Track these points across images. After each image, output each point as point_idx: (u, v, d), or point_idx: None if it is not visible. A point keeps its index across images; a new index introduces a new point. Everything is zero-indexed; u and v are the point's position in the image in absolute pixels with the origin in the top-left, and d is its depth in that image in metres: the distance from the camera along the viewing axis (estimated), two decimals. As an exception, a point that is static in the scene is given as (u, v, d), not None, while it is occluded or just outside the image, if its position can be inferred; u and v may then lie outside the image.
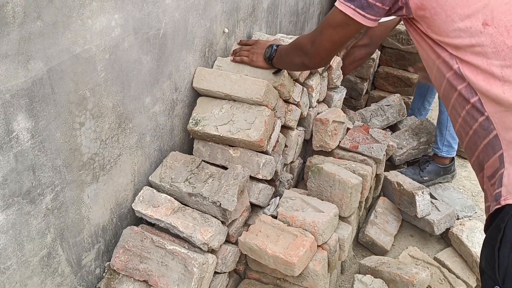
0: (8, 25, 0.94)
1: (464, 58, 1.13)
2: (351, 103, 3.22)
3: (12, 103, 1.00)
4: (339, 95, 2.36)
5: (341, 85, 2.42)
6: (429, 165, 2.65)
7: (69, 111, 1.17)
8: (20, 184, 1.08)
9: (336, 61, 2.24)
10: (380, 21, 1.31)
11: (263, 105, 1.69)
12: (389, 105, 2.90)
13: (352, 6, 1.25)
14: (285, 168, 2.07)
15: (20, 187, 1.09)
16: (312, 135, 2.17)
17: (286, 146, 1.97)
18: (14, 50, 0.97)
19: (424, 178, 2.62)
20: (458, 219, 2.43)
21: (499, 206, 1.08)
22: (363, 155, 2.13)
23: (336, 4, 1.29)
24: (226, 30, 1.90)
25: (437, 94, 3.20)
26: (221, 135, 1.65)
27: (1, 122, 0.99)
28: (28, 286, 1.19)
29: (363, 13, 1.24)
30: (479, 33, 1.10)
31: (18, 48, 0.98)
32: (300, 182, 2.30)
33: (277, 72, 1.77)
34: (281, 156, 1.91)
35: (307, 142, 2.25)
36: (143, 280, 1.44)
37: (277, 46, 1.71)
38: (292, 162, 2.10)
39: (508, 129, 1.10)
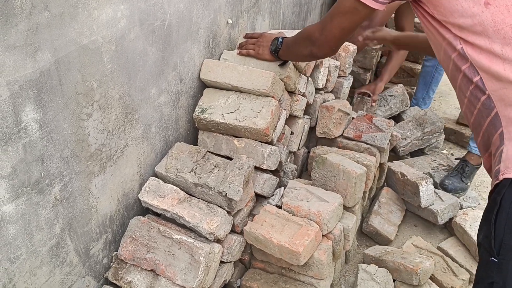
0: (16, 16, 0.95)
1: (467, 39, 1.15)
2: (353, 96, 3.22)
3: (20, 94, 1.01)
4: (348, 82, 2.44)
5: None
6: (468, 168, 2.61)
7: (76, 102, 1.17)
8: (29, 175, 1.09)
9: (351, 49, 2.29)
10: None
11: (270, 96, 1.70)
12: (392, 96, 2.90)
13: None
14: (289, 159, 2.09)
15: (29, 178, 1.10)
16: (317, 122, 2.19)
17: (292, 133, 1.99)
18: (22, 41, 0.98)
19: (468, 184, 2.59)
20: (461, 208, 2.44)
21: (498, 181, 1.10)
22: (366, 143, 2.14)
23: None
24: (230, 21, 1.90)
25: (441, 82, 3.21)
26: (227, 122, 1.66)
27: (10, 113, 1.00)
28: (38, 275, 1.21)
29: None
30: (480, 12, 1.11)
31: (26, 39, 0.99)
32: (303, 172, 2.32)
33: (283, 64, 1.77)
34: (285, 146, 1.92)
35: (312, 130, 2.27)
36: (151, 270, 1.45)
37: (283, 38, 1.71)
38: (297, 149, 2.11)
39: (508, 106, 1.11)
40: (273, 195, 1.84)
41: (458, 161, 2.69)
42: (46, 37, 1.03)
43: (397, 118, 3.02)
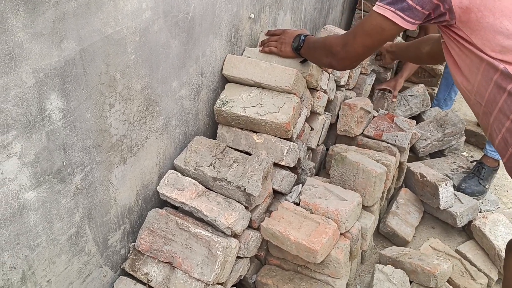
0: (43, 3, 0.95)
1: (509, 60, 1.13)
2: (373, 93, 3.19)
3: (45, 82, 1.01)
4: (370, 79, 2.47)
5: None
6: (484, 171, 2.57)
7: (100, 92, 1.18)
8: (51, 163, 1.10)
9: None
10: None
11: (292, 93, 1.69)
12: (412, 95, 2.86)
13: (392, 9, 1.25)
14: (307, 156, 2.07)
15: (51, 166, 1.10)
16: (337, 119, 2.18)
17: (312, 129, 1.98)
18: (49, 30, 0.98)
19: (486, 187, 2.55)
20: (480, 212, 2.40)
21: None
22: (387, 143, 2.12)
23: (374, 8, 1.30)
24: (252, 16, 1.89)
25: None
26: (248, 116, 1.66)
27: (34, 101, 1.00)
28: (56, 263, 1.22)
29: (402, 15, 1.25)
30: None
31: (52, 27, 0.99)
32: (321, 170, 2.30)
33: (304, 61, 1.76)
34: (304, 144, 1.90)
35: (331, 127, 2.26)
36: (167, 262, 1.45)
37: (305, 36, 1.70)
38: (317, 146, 2.09)
39: None
40: (290, 192, 1.83)
41: (475, 163, 2.65)
42: (72, 26, 1.03)
43: (417, 118, 2.97)
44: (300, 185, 1.86)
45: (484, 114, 1.29)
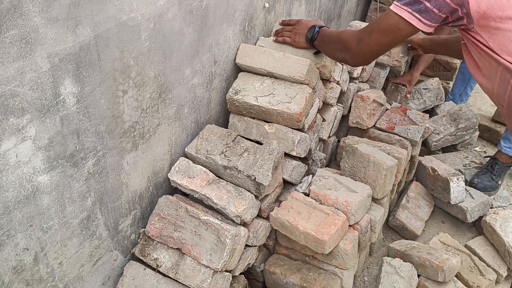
0: (59, -11, 0.96)
1: None
2: (387, 85, 3.17)
3: (60, 67, 1.02)
4: (384, 72, 2.45)
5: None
6: (497, 167, 2.55)
7: (113, 78, 1.18)
8: (64, 147, 1.11)
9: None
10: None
11: (305, 84, 1.69)
12: (427, 89, 2.84)
13: (409, 10, 1.24)
14: (318, 147, 2.07)
15: (64, 150, 1.12)
16: (349, 111, 2.17)
17: (324, 120, 1.98)
18: (64, 15, 0.99)
19: (499, 183, 2.53)
20: (491, 208, 2.38)
21: None
22: (399, 136, 2.11)
23: (391, 7, 1.29)
24: (267, 5, 1.88)
25: None
26: (260, 105, 1.66)
27: (49, 85, 1.01)
28: (68, 246, 1.24)
29: (419, 16, 1.24)
30: None
31: (68, 12, 1.00)
32: (332, 162, 2.30)
33: (317, 52, 1.75)
34: (316, 134, 1.90)
35: (343, 118, 2.25)
36: (177, 248, 1.47)
37: (320, 27, 1.69)
38: (328, 137, 2.09)
39: None
40: (301, 182, 1.83)
41: (488, 159, 2.63)
42: (87, 12, 1.04)
43: (430, 112, 2.95)
44: (311, 175, 1.86)
45: (508, 116, 1.28)
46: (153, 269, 1.48)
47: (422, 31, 1.28)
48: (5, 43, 0.88)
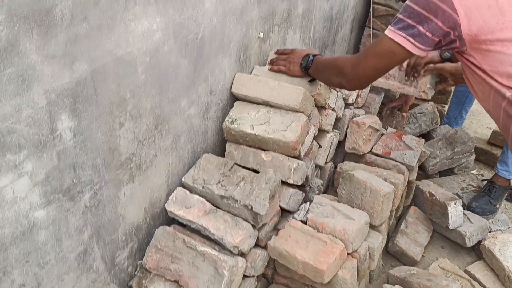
0: (56, 26, 0.97)
1: None
2: (382, 109, 3.19)
3: (57, 103, 1.03)
4: (379, 98, 2.48)
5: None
6: (495, 190, 2.55)
7: (110, 111, 1.20)
8: (61, 182, 1.11)
9: None
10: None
11: (300, 112, 1.70)
12: (422, 113, 2.86)
13: (403, 34, 1.27)
14: (315, 174, 2.07)
15: (61, 185, 1.12)
16: (346, 136, 2.18)
17: (320, 146, 1.99)
18: (61, 52, 1.01)
19: (497, 206, 2.53)
20: (490, 232, 2.37)
21: None
22: (395, 161, 2.11)
23: (386, 32, 1.31)
24: (262, 35, 1.91)
25: (474, 102, 3.14)
26: (256, 134, 1.67)
27: (46, 121, 1.02)
28: (65, 281, 1.23)
29: (413, 41, 1.26)
30: None
31: (64, 49, 1.01)
32: (329, 188, 2.30)
33: (312, 80, 1.78)
34: (312, 161, 1.91)
35: (340, 144, 2.26)
36: (174, 280, 1.46)
37: (314, 56, 1.71)
38: (325, 163, 2.10)
39: None
40: (298, 210, 1.83)
41: (486, 182, 2.63)
42: (84, 48, 1.06)
43: (426, 136, 2.97)
44: (308, 203, 1.86)
45: (506, 137, 1.29)
46: (151, 301, 1.46)
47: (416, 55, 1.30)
48: (2, 81, 0.90)
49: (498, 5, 1.14)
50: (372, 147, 2.22)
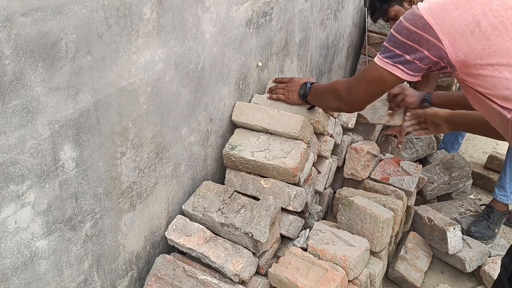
0: (61, 59, 1.00)
1: None
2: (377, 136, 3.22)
3: (60, 133, 1.05)
4: (379, 125, 2.47)
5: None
6: (493, 215, 2.55)
7: (112, 141, 1.21)
8: (63, 211, 1.12)
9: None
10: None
11: (299, 139, 1.72)
12: (418, 138, 2.89)
13: (391, 62, 1.28)
14: (314, 200, 2.08)
15: (62, 214, 1.12)
16: (344, 162, 2.20)
17: (319, 172, 2.00)
18: (65, 83, 1.02)
19: (496, 231, 2.53)
20: (489, 256, 2.37)
21: None
22: (394, 186, 2.13)
23: (375, 59, 1.33)
24: (260, 64, 1.94)
25: None
26: (256, 160, 1.68)
27: (49, 152, 1.03)
28: (64, 311, 1.22)
29: (402, 67, 1.27)
30: None
31: (68, 81, 1.03)
32: (329, 213, 2.30)
33: (311, 108, 1.80)
34: (311, 187, 1.92)
35: (338, 170, 2.27)
36: (174, 309, 1.45)
37: (311, 84, 1.74)
38: (324, 189, 2.10)
39: None
40: (298, 237, 1.83)
41: (484, 207, 2.64)
42: (87, 80, 1.08)
43: (423, 161, 2.99)
44: (308, 229, 1.86)
45: None
46: (151, 332, 1.44)
47: (407, 81, 1.31)
48: (7, 113, 0.91)
49: (481, 30, 1.13)
50: (371, 173, 2.23)
